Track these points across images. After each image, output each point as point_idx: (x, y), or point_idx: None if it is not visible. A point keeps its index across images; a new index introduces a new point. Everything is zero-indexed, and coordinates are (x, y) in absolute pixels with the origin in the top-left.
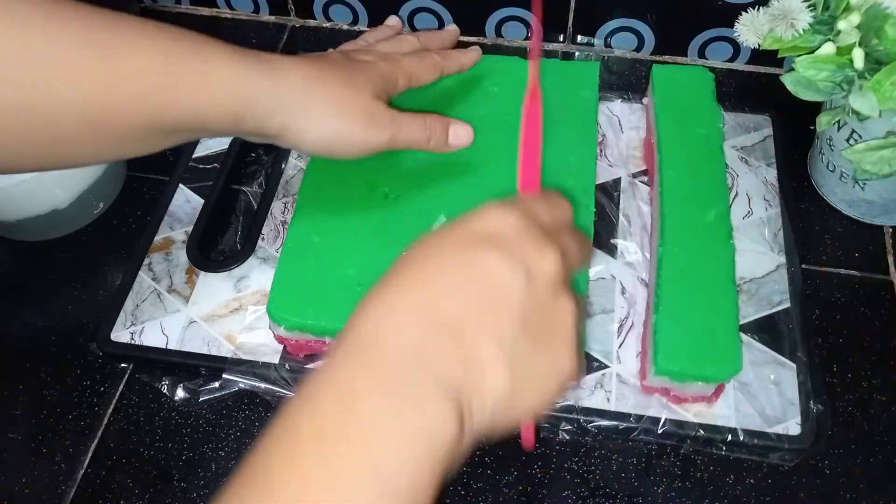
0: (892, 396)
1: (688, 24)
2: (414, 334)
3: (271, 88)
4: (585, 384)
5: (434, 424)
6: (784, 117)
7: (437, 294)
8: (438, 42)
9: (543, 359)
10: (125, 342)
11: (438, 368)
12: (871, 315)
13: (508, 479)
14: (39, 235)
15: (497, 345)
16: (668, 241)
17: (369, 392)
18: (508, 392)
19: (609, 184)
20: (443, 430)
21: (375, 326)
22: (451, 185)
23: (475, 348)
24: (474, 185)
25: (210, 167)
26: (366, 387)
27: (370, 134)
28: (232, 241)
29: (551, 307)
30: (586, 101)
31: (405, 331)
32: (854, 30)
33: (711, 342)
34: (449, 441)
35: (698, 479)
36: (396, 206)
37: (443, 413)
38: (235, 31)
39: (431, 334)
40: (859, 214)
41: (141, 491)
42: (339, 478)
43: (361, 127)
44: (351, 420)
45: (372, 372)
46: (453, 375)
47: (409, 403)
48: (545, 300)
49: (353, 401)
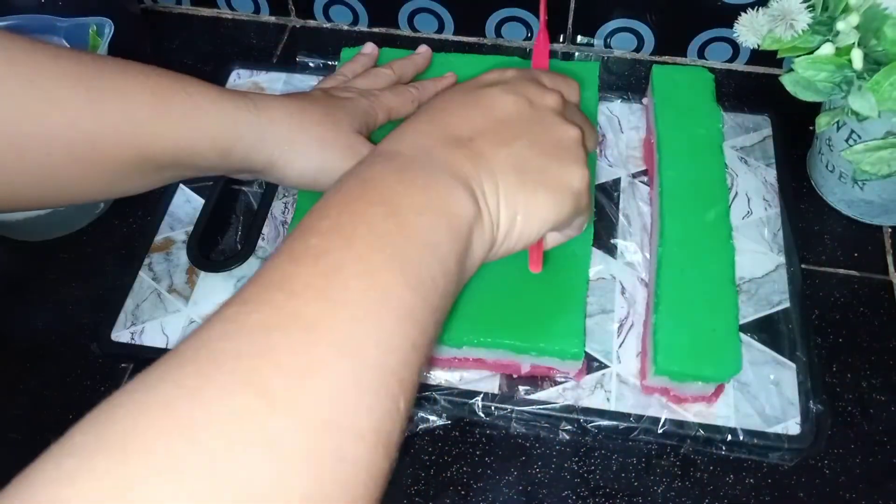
0: (892, 396)
1: (687, 24)
2: (426, 141)
3: (258, 123)
4: (585, 384)
5: (448, 198)
6: (783, 117)
7: (447, 118)
8: (412, 69)
9: (553, 168)
10: (125, 342)
11: (448, 162)
12: (871, 315)
13: (508, 479)
14: (39, 235)
15: (505, 149)
16: (668, 241)
17: (388, 175)
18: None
19: (609, 184)
20: (459, 206)
21: (389, 142)
22: None
23: (483, 152)
24: None
25: None
26: (383, 174)
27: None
28: (232, 241)
29: (558, 130)
30: (586, 102)
31: (418, 139)
32: (853, 30)
33: (711, 342)
34: (467, 217)
35: (698, 479)
36: None
37: (455, 190)
38: (235, 32)
39: (442, 141)
40: (858, 214)
41: None
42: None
43: (345, 163)
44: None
45: (389, 164)
46: (462, 168)
47: (421, 181)
48: (550, 124)
49: (375, 181)
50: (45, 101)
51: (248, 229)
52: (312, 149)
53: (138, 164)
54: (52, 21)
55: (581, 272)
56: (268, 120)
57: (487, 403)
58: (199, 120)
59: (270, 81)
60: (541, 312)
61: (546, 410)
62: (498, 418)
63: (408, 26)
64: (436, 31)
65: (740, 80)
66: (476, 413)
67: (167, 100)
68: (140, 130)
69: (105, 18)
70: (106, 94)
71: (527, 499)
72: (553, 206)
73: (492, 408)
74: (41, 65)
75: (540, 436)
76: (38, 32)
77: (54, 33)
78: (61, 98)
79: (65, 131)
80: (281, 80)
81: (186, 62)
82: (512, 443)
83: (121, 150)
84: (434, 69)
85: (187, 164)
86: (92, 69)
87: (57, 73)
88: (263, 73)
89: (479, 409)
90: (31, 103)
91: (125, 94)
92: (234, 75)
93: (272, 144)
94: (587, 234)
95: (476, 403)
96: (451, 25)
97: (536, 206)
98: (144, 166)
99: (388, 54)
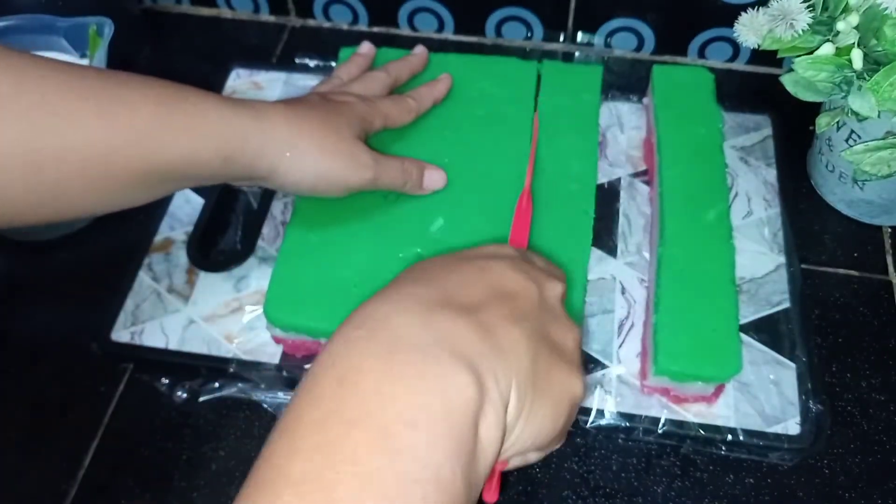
0: (892, 396)
1: (688, 24)
2: (422, 311)
3: (259, 130)
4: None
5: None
6: (783, 117)
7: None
8: (408, 70)
9: (558, 370)
10: (125, 342)
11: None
12: (871, 315)
13: (508, 479)
14: (39, 235)
15: (517, 328)
16: (668, 241)
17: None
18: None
19: (609, 184)
20: (460, 395)
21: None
22: (448, 187)
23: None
24: (472, 187)
25: None
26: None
27: (353, 175)
28: (232, 241)
29: (561, 326)
30: (588, 105)
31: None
32: (853, 30)
33: (711, 342)
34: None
35: (698, 479)
36: (394, 208)
37: (458, 376)
38: (235, 31)
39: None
40: (858, 214)
41: (141, 491)
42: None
43: (345, 168)
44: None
45: (375, 347)
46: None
47: (417, 371)
48: (557, 318)
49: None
50: (56, 118)
51: (247, 229)
52: (313, 155)
53: (145, 177)
54: (52, 21)
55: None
56: (270, 127)
57: None
58: (204, 129)
59: (270, 81)
60: None
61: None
62: None
63: (408, 26)
64: (436, 30)
65: (740, 80)
66: None
67: (172, 111)
68: (147, 143)
69: (105, 18)
70: (114, 108)
71: (527, 499)
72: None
73: None
74: (50, 82)
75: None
76: (38, 32)
77: (54, 33)
78: (72, 114)
79: (76, 147)
80: (280, 80)
81: (186, 62)
82: None
83: (129, 163)
84: (431, 69)
85: (191, 174)
86: (98, 83)
87: (66, 89)
88: (263, 72)
89: None
90: (43, 121)
91: (132, 106)
92: (234, 75)
93: (274, 151)
94: (587, 234)
95: None
96: (451, 25)
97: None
98: (150, 179)
99: (386, 54)
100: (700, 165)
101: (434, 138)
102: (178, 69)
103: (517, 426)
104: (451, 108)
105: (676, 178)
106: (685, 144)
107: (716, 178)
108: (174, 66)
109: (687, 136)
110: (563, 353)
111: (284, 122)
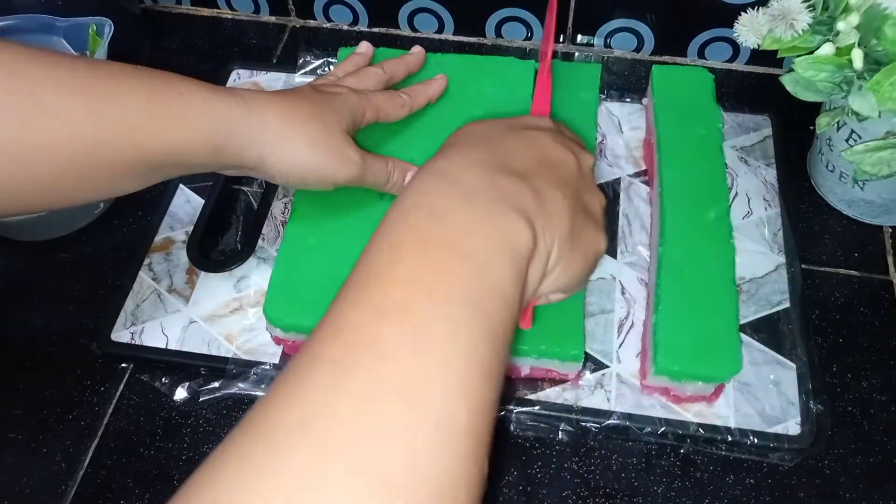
0: (892, 396)
1: (687, 24)
2: (487, 173)
3: (248, 120)
4: (585, 384)
5: (514, 234)
6: (783, 117)
7: (500, 150)
8: (404, 69)
9: (590, 229)
10: (125, 342)
11: (511, 196)
12: (871, 315)
13: (508, 479)
14: (39, 235)
15: (559, 193)
16: (668, 241)
17: (454, 210)
18: (569, 237)
19: (609, 184)
20: (521, 241)
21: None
22: None
23: (541, 190)
24: None
25: None
26: (451, 205)
27: (340, 170)
28: (232, 241)
29: (592, 193)
30: (587, 104)
31: (477, 169)
32: (853, 30)
33: (711, 342)
34: (526, 252)
35: (698, 479)
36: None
37: (519, 225)
38: (235, 32)
39: (502, 174)
40: (859, 214)
41: (141, 491)
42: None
43: (332, 162)
44: (445, 231)
45: (454, 193)
46: (525, 202)
47: (490, 217)
48: (591, 185)
49: (443, 216)
50: (46, 113)
51: (248, 229)
52: (302, 146)
53: (134, 166)
54: (52, 21)
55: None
56: (258, 116)
57: None
58: (193, 119)
59: (270, 81)
60: (540, 315)
61: (546, 410)
62: (497, 419)
63: (408, 26)
64: (436, 30)
65: (740, 80)
66: None
67: (161, 101)
68: (137, 133)
69: (105, 18)
70: (103, 101)
71: (527, 499)
72: (583, 266)
73: None
74: (40, 76)
75: (539, 436)
76: (38, 32)
77: (54, 33)
78: (62, 108)
79: (66, 141)
80: (281, 81)
81: (186, 62)
82: (512, 443)
83: (119, 154)
84: (429, 69)
85: (180, 163)
86: (88, 75)
87: (56, 82)
88: (263, 73)
89: None
90: (34, 117)
91: (122, 98)
92: (234, 75)
93: (262, 141)
94: None
95: None
96: (450, 25)
97: (573, 259)
98: (139, 168)
99: (384, 54)
100: (700, 165)
101: (433, 138)
102: (177, 69)
103: (554, 272)
104: (450, 108)
105: (676, 178)
106: (685, 144)
107: (716, 178)
108: (174, 67)
109: (687, 136)
110: (593, 216)
111: (274, 112)
